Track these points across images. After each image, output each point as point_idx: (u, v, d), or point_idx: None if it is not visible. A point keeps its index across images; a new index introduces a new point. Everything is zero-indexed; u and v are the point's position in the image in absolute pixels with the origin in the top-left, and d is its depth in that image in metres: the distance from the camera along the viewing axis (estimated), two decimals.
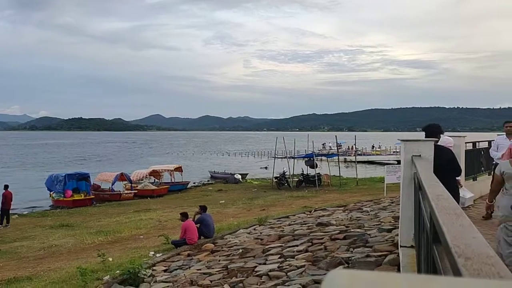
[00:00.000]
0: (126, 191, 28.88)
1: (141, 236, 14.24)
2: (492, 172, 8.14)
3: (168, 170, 34.00)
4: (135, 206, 23.83)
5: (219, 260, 8.81)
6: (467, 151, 10.29)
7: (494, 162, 8.47)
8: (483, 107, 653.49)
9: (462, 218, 1.65)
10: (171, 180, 33.42)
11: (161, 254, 10.56)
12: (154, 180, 33.24)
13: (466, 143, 10.13)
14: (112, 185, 28.14)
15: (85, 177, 27.64)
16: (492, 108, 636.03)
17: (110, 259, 10.34)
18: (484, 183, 10.14)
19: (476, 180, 10.86)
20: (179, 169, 34.08)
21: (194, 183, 35.62)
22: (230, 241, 10.90)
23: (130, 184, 29.55)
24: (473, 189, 9.54)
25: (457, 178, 6.39)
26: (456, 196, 5.83)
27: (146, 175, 32.30)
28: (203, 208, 12.16)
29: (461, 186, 7.69)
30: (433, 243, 2.20)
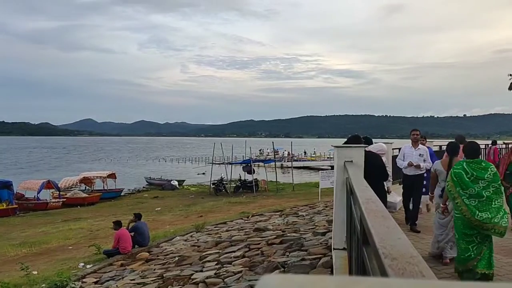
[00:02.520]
0: (53, 200, 27.28)
1: (70, 247, 13.49)
2: (400, 181, 8.74)
3: (100, 177, 32.59)
4: (63, 216, 22.55)
5: (154, 269, 8.58)
6: (394, 157, 10.90)
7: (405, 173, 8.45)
8: (408, 116, 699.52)
9: (388, 221, 1.74)
10: (103, 187, 32.07)
11: (92, 265, 10.07)
12: (85, 187, 31.74)
13: (393, 149, 10.70)
14: (37, 194, 26.47)
15: (7, 185, 25.60)
16: (416, 116, 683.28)
17: (35, 272, 9.69)
18: None
19: (401, 184, 11.49)
20: (112, 175, 32.80)
21: (128, 190, 34.43)
22: (166, 249, 10.66)
23: (58, 192, 27.95)
24: (400, 193, 10.10)
25: (385, 183, 6.78)
26: (383, 200, 6.16)
27: (76, 183, 30.76)
28: (138, 216, 11.79)
29: (390, 192, 8.14)
30: (363, 244, 2.30)
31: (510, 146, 16.79)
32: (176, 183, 34.65)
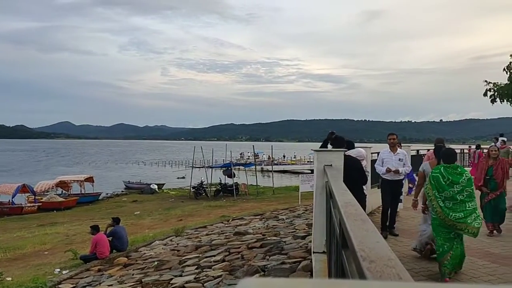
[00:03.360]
0: (28, 204, 26.64)
1: (46, 252, 13.18)
2: (379, 186, 8.66)
3: (77, 180, 31.98)
4: (39, 220, 22.04)
5: (133, 274, 8.45)
6: (373, 161, 11.03)
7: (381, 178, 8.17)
8: (387, 120, 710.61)
9: (367, 224, 1.76)
10: (81, 191, 31.46)
11: (68, 270, 9.86)
12: (62, 191, 31.08)
13: (372, 153, 10.83)
14: (12, 198, 25.82)
15: None
16: (394, 121, 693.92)
17: (9, 278, 9.44)
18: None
19: (380, 188, 11.64)
20: (90, 179, 32.25)
21: (106, 194, 33.90)
22: (145, 253, 10.52)
23: (33, 196, 27.29)
24: (378, 196, 10.22)
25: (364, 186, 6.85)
26: (362, 203, 6.23)
27: (52, 186, 30.07)
28: (116, 220, 11.63)
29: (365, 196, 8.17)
30: (342, 248, 2.32)
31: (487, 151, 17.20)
32: (156, 187, 34.30)
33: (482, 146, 23.31)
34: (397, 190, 8.13)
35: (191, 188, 29.06)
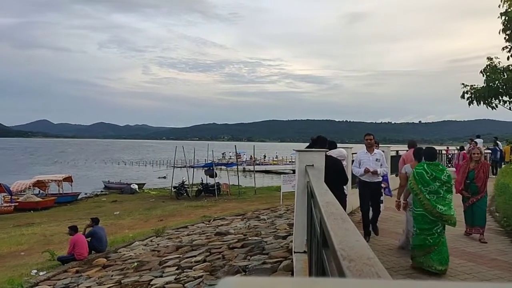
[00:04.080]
0: (4, 204, 26.02)
1: (23, 253, 12.90)
2: (357, 187, 8.59)
3: (55, 180, 31.35)
4: (15, 220, 21.54)
5: (112, 275, 8.33)
6: (353, 162, 11.15)
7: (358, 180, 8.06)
8: (367, 121, 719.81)
9: (347, 223, 1.77)
10: (59, 191, 30.86)
11: (45, 272, 9.67)
12: (39, 191, 30.44)
13: (352, 153, 10.94)
14: None
15: None
16: (374, 122, 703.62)
17: None
18: None
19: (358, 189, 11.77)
20: (68, 179, 31.66)
21: (85, 194, 33.37)
22: (124, 254, 10.40)
23: (9, 196, 26.65)
24: (357, 196, 10.32)
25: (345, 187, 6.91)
26: (343, 203, 6.30)
27: (29, 186, 29.43)
28: (95, 221, 11.45)
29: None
30: (323, 247, 2.33)
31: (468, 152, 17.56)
32: (136, 186, 33.93)
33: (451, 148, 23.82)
34: (377, 191, 7.90)
35: (173, 188, 28.86)
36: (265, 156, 68.93)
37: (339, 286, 0.51)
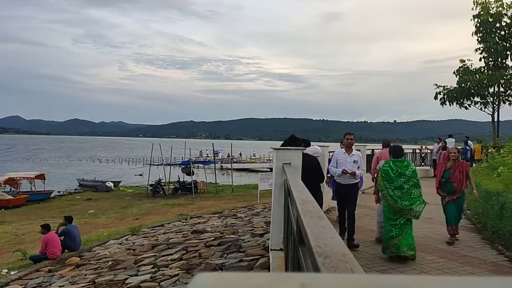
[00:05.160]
0: None
1: None
2: (330, 187, 8.51)
3: (27, 177, 30.51)
4: None
5: (86, 275, 8.19)
6: (329, 160, 11.27)
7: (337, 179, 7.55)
8: (344, 120, 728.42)
9: (323, 221, 1.79)
10: (31, 189, 30.06)
11: (16, 271, 9.44)
12: (10, 189, 29.59)
13: (329, 152, 11.07)
14: None
15: None
16: (351, 121, 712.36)
17: None
18: None
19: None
20: (41, 176, 30.86)
21: (59, 192, 32.61)
22: (98, 253, 10.23)
23: None
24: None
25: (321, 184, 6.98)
26: (319, 201, 6.36)
27: (0, 184, 28.58)
28: (69, 219, 11.22)
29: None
30: (299, 244, 2.35)
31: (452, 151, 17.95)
32: (111, 184, 33.38)
33: (428, 147, 24.37)
34: (354, 194, 7.49)
35: (149, 186, 28.53)
36: (241, 154, 68.72)
37: (312, 281, 0.52)
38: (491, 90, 26.18)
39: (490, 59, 25.64)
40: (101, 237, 12.54)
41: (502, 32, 25.12)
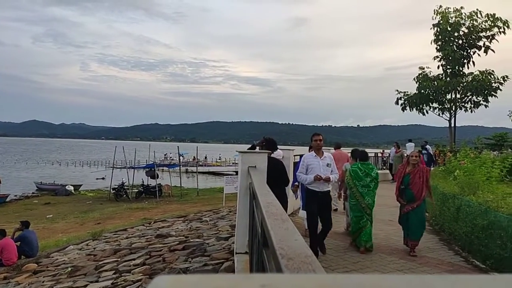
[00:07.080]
0: None
1: None
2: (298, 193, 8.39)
3: None
4: None
5: (43, 282, 7.88)
6: (295, 163, 11.38)
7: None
8: (309, 124, 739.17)
9: (287, 223, 1.81)
10: None
11: None
12: None
13: (294, 155, 11.18)
14: None
15: None
16: (316, 125, 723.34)
17: None
18: None
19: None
20: None
21: (15, 195, 31.19)
22: (57, 259, 9.87)
23: None
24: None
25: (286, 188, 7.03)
26: (284, 204, 6.40)
27: None
28: (25, 224, 10.78)
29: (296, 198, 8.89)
30: (263, 247, 2.36)
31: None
32: (72, 188, 32.30)
33: (387, 151, 25.07)
34: (328, 202, 6.79)
35: (111, 190, 27.82)
36: (206, 157, 68.24)
37: (272, 281, 0.52)
38: (448, 96, 27.33)
39: (448, 67, 26.79)
40: (60, 242, 12.11)
41: (460, 41, 26.31)
